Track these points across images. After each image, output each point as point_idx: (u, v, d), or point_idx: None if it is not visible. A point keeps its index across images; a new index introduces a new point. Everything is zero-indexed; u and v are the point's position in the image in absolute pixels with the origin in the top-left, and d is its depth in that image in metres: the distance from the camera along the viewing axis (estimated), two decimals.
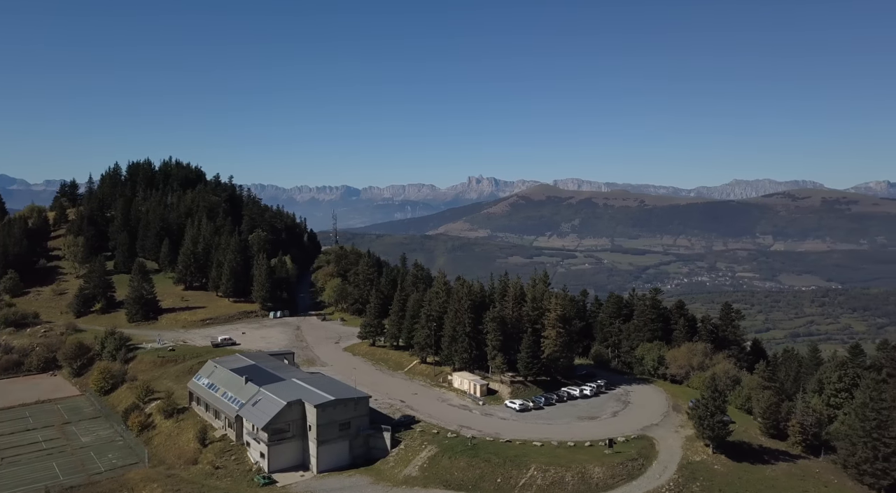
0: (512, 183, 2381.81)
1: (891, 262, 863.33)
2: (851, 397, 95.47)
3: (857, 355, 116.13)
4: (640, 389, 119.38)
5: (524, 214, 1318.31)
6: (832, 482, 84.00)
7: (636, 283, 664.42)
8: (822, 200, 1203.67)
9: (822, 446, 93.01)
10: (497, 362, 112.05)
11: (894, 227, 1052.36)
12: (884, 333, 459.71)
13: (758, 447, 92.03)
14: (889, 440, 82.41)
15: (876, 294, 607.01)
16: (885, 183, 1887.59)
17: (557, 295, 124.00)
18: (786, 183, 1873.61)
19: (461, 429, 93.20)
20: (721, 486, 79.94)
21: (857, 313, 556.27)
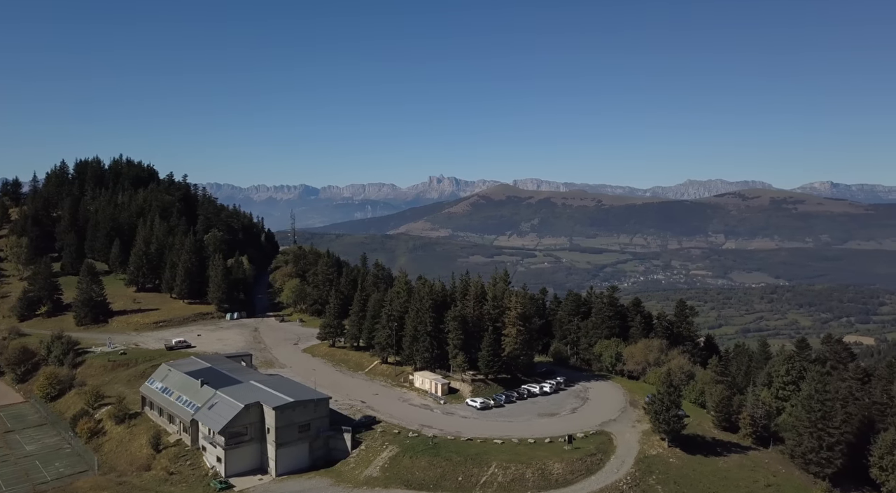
0: (473, 183, 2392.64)
1: (834, 259, 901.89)
2: (798, 390, 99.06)
3: (804, 349, 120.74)
4: (599, 385, 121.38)
5: (485, 214, 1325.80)
6: (780, 472, 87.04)
7: (594, 281, 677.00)
8: (770, 199, 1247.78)
9: (772, 437, 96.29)
10: (458, 361, 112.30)
11: (837, 226, 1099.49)
12: (828, 327, 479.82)
13: (711, 440, 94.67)
14: (833, 430, 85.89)
15: (820, 290, 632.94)
16: (829, 183, 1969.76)
17: (518, 294, 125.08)
18: (736, 183, 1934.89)
19: (422, 428, 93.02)
20: (676, 479, 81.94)
21: (803, 309, 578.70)
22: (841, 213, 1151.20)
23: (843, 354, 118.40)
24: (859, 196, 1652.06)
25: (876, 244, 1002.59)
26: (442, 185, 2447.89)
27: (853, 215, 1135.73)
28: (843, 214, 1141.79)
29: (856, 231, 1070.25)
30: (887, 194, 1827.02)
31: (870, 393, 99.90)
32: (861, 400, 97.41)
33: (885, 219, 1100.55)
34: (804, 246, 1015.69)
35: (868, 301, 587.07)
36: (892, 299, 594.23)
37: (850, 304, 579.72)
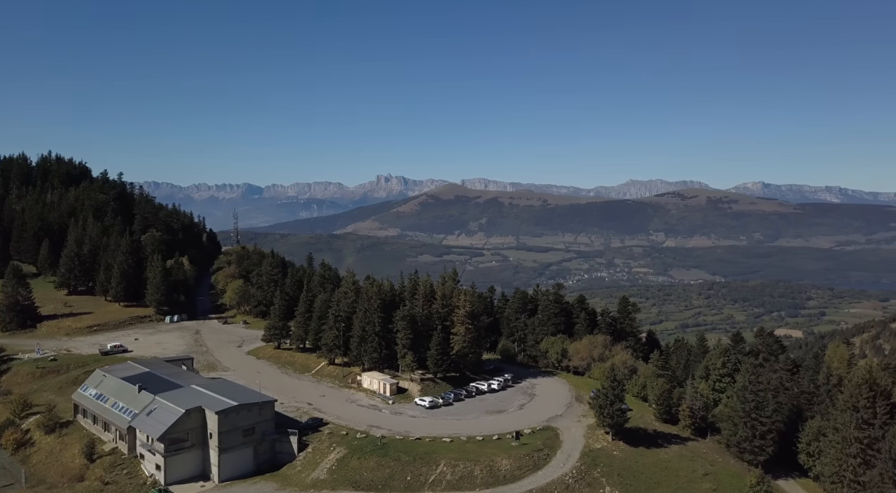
0: (421, 182, 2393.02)
1: (765, 256, 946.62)
2: (733, 382, 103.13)
3: (738, 342, 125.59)
4: (545, 381, 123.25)
5: (433, 213, 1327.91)
6: (717, 461, 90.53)
7: (540, 279, 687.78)
8: (707, 199, 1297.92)
9: (709, 427, 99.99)
10: (407, 361, 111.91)
11: (768, 224, 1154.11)
12: (760, 321, 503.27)
13: (652, 432, 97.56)
14: (765, 419, 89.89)
15: (753, 286, 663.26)
16: (761, 184, 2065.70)
17: (466, 292, 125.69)
18: (676, 183, 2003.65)
19: (371, 429, 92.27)
20: (619, 471, 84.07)
21: (737, 304, 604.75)
22: (772, 212, 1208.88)
23: (774, 346, 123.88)
24: (788, 196, 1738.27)
25: (803, 242, 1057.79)
26: (390, 184, 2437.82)
27: (783, 214, 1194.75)
28: (774, 213, 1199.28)
29: (785, 229, 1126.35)
30: (813, 194, 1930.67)
31: (798, 383, 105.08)
32: (790, 390, 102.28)
33: (811, 218, 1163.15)
34: (738, 244, 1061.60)
35: (797, 296, 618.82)
36: (818, 294, 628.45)
37: (781, 299, 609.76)
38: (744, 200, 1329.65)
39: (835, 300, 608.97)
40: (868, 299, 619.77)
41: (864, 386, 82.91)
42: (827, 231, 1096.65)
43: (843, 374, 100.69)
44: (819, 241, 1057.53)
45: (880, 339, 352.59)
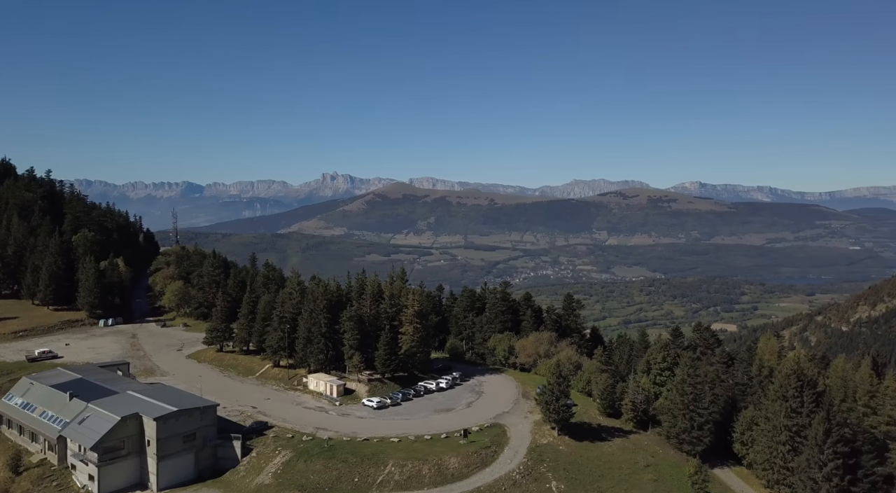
0: (368, 180, 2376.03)
1: (702, 253, 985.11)
2: (673, 375, 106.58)
3: (677, 337, 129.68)
4: (493, 378, 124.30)
5: (381, 212, 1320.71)
6: (658, 453, 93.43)
7: (488, 277, 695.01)
8: (647, 198, 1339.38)
9: (650, 420, 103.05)
10: (354, 362, 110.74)
11: (705, 222, 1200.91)
12: (698, 316, 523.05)
13: (597, 426, 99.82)
14: (702, 410, 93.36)
15: (691, 282, 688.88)
16: (698, 183, 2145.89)
17: (415, 291, 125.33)
18: (618, 183, 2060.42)
19: (317, 431, 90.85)
20: (565, 465, 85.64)
21: (676, 300, 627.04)
22: (708, 211, 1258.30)
23: (710, 340, 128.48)
24: (723, 195, 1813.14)
25: (737, 239, 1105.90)
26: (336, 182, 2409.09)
27: (718, 213, 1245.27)
28: (710, 212, 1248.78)
29: (720, 227, 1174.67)
30: (746, 194, 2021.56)
31: (733, 375, 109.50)
32: (726, 382, 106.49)
33: (745, 216, 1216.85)
34: (677, 241, 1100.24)
35: (731, 291, 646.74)
36: (751, 289, 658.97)
37: (717, 294, 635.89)
38: (682, 199, 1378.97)
39: (766, 295, 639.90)
40: (796, 293, 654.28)
41: (793, 377, 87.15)
42: (758, 229, 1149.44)
43: (774, 365, 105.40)
44: (751, 238, 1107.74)
45: (807, 331, 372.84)
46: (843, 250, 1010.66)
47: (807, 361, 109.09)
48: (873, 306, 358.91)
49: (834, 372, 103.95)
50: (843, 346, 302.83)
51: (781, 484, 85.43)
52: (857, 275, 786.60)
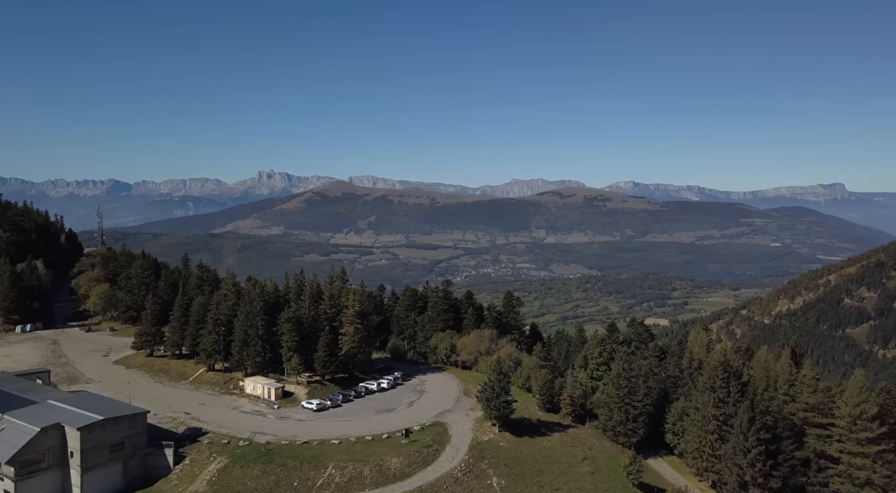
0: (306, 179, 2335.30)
1: (636, 250, 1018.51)
2: (609, 370, 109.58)
3: (613, 332, 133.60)
4: (435, 377, 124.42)
5: (320, 211, 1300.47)
6: (595, 445, 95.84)
7: (430, 276, 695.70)
8: (584, 197, 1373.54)
9: (587, 414, 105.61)
10: (293, 364, 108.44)
11: (639, 221, 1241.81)
12: (632, 312, 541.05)
13: (536, 421, 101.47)
14: (637, 403, 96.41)
15: (626, 279, 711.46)
16: (631, 183, 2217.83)
17: (355, 291, 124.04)
18: (555, 182, 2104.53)
19: (255, 436, 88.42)
20: (506, 461, 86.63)
21: (612, 296, 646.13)
22: (641, 209, 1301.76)
23: (644, 335, 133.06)
24: (656, 194, 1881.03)
25: (668, 237, 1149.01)
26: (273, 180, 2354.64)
27: (651, 212, 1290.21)
28: (643, 211, 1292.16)
29: (653, 225, 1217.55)
30: (677, 193, 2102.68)
31: (665, 368, 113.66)
32: (659, 375, 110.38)
33: (676, 215, 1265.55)
34: (612, 239, 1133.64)
35: (663, 287, 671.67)
36: (682, 285, 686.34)
37: (650, 290, 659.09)
38: (617, 198, 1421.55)
39: (695, 290, 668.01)
40: (723, 288, 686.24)
41: (720, 368, 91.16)
42: (688, 227, 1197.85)
43: (703, 358, 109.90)
44: (682, 236, 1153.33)
45: (733, 324, 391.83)
46: (765, 246, 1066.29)
47: (733, 353, 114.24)
48: (792, 299, 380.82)
49: (757, 363, 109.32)
50: (765, 338, 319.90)
51: (710, 471, 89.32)
52: (778, 270, 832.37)
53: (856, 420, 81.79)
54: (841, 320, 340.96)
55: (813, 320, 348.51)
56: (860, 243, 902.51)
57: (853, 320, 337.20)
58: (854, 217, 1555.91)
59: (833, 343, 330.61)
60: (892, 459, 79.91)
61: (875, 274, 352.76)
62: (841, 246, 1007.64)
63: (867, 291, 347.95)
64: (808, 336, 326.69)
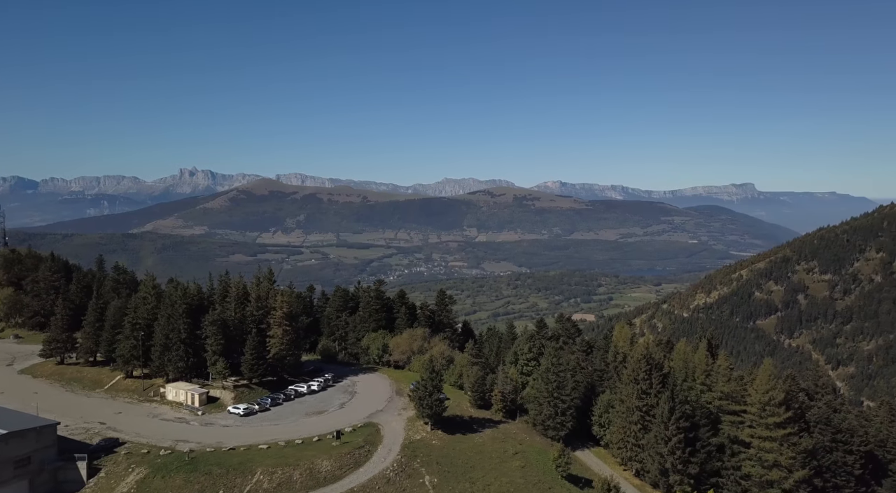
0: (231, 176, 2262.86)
1: (563, 248, 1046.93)
2: (538, 365, 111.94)
3: (542, 328, 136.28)
4: (367, 377, 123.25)
5: (246, 210, 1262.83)
6: (525, 440, 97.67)
7: (361, 276, 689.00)
8: (513, 197, 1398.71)
9: (518, 409, 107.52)
10: (218, 368, 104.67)
11: (566, 219, 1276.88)
12: (560, 308, 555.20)
13: (468, 418, 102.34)
14: (565, 397, 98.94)
15: (554, 276, 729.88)
16: (559, 183, 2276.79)
17: (283, 292, 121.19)
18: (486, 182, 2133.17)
19: (177, 444, 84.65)
20: (438, 459, 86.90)
21: (541, 293, 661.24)
22: (568, 208, 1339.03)
23: (572, 330, 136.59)
24: (582, 194, 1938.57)
25: (594, 235, 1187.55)
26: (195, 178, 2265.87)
27: (577, 210, 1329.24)
28: (570, 210, 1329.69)
29: (579, 224, 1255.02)
30: (602, 192, 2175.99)
31: (592, 362, 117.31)
32: (586, 369, 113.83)
33: (600, 213, 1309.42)
34: (541, 237, 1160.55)
35: (589, 284, 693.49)
36: (607, 281, 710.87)
37: (577, 286, 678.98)
38: (545, 197, 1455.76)
39: (620, 286, 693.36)
40: (645, 283, 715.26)
41: (643, 361, 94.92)
42: (612, 225, 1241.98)
43: (627, 352, 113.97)
44: (606, 233, 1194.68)
45: (654, 318, 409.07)
46: (683, 243, 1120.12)
47: (654, 346, 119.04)
48: (708, 293, 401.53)
49: (677, 355, 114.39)
50: (684, 330, 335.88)
51: (634, 461, 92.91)
52: (696, 266, 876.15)
53: (765, 406, 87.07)
54: (752, 312, 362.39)
55: (727, 313, 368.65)
56: (768, 240, 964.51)
57: (762, 312, 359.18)
58: (763, 215, 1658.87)
59: (745, 334, 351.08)
60: (796, 441, 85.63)
61: (781, 269, 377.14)
62: (752, 242, 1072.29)
63: (775, 284, 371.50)
64: (722, 328, 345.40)
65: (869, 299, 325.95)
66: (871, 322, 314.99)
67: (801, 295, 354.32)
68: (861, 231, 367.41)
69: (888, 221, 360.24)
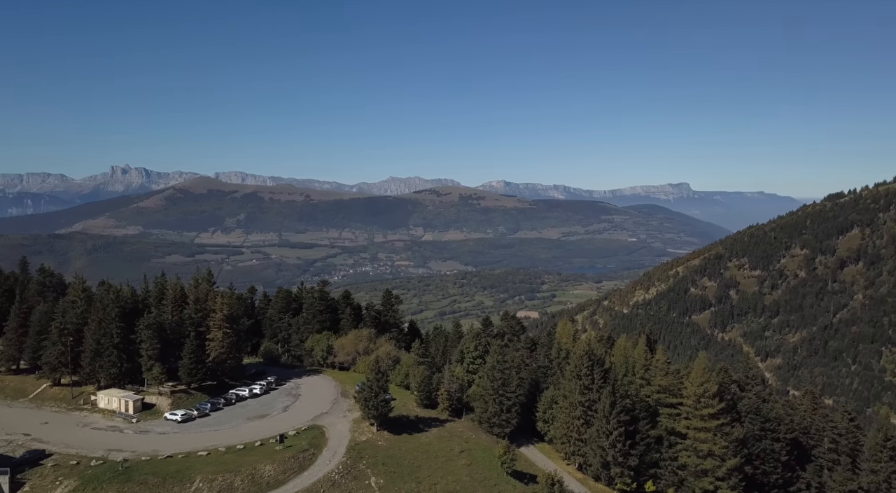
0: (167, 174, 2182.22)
1: (508, 247, 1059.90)
2: (484, 363, 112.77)
3: (487, 326, 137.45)
4: (311, 380, 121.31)
5: (183, 209, 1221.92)
6: (471, 438, 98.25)
7: (305, 276, 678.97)
8: (459, 196, 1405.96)
9: (464, 407, 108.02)
10: (154, 373, 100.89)
11: (510, 218, 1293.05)
12: (505, 305, 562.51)
13: (415, 418, 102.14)
14: (510, 394, 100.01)
15: (499, 274, 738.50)
16: (503, 182, 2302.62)
17: (223, 294, 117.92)
18: (432, 181, 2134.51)
19: (109, 454, 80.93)
20: (384, 459, 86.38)
21: (486, 291, 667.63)
22: (512, 207, 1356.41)
23: (516, 328, 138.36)
24: (525, 193, 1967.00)
25: (538, 233, 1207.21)
26: (128, 176, 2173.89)
27: (521, 209, 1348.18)
28: (514, 209, 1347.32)
29: (523, 222, 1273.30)
30: (545, 192, 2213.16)
31: (536, 359, 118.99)
32: (530, 366, 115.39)
33: (544, 212, 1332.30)
34: (486, 236, 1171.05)
35: (533, 281, 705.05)
36: (550, 279, 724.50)
37: (521, 284, 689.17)
38: (490, 197, 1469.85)
39: (563, 284, 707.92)
40: (587, 281, 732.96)
41: (585, 357, 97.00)
42: (555, 224, 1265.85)
43: (570, 348, 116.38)
44: (549, 232, 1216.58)
45: (596, 315, 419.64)
46: (623, 241, 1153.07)
47: (596, 342, 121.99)
48: (647, 290, 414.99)
49: (618, 350, 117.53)
50: (624, 326, 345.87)
51: (577, 455, 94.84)
52: (635, 263, 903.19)
53: (700, 399, 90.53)
54: (688, 307, 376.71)
55: (665, 309, 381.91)
56: (703, 238, 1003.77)
57: (697, 308, 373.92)
58: (697, 213, 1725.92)
59: (681, 329, 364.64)
60: (728, 431, 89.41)
61: (715, 265, 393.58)
62: (687, 240, 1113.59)
63: (708, 280, 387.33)
64: (660, 324, 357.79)
65: (794, 293, 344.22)
66: (796, 315, 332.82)
67: (733, 291, 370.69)
68: (787, 229, 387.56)
69: (811, 220, 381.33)
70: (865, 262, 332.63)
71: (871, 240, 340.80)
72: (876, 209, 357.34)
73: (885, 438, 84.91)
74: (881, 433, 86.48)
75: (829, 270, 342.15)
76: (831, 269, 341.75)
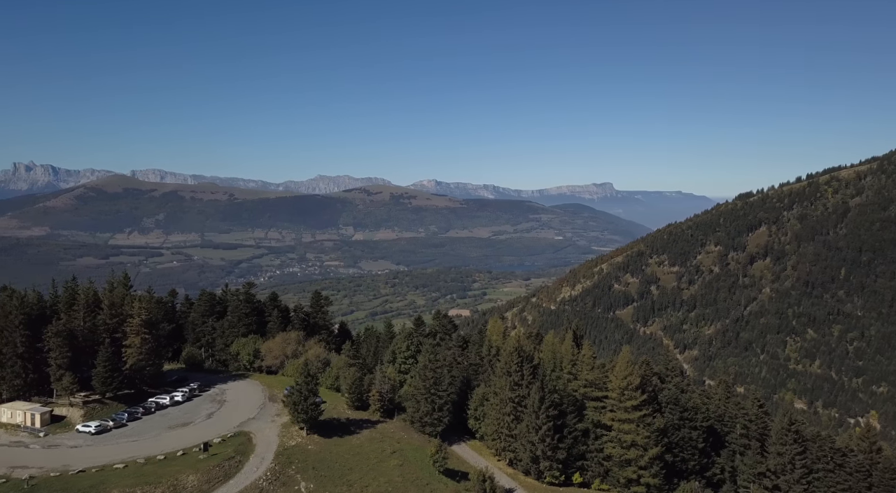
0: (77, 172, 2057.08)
1: (440, 246, 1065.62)
2: (416, 362, 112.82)
3: (419, 325, 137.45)
4: (237, 385, 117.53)
5: (96, 209, 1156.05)
6: (403, 438, 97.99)
7: (229, 278, 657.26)
8: (390, 195, 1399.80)
9: (396, 408, 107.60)
10: (64, 383, 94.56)
11: (441, 217, 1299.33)
12: (437, 304, 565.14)
13: (346, 420, 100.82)
14: (442, 392, 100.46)
15: (431, 273, 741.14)
16: (434, 181, 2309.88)
17: (141, 298, 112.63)
18: (362, 179, 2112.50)
19: (13, 471, 75.34)
20: (314, 464, 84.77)
21: (418, 290, 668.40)
22: (443, 207, 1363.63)
23: (448, 326, 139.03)
24: (456, 192, 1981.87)
25: (468, 232, 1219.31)
26: (34, 173, 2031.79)
27: (452, 209, 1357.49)
28: (445, 208, 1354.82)
29: (454, 222, 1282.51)
30: (475, 191, 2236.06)
31: (467, 357, 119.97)
32: (462, 364, 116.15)
33: (474, 211, 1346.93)
34: (418, 235, 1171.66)
35: (464, 280, 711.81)
36: (481, 277, 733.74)
37: (453, 283, 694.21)
38: (421, 195, 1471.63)
39: (493, 282, 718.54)
40: (516, 279, 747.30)
41: (514, 354, 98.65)
42: (485, 223, 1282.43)
43: (500, 345, 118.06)
44: (479, 231, 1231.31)
45: (525, 311, 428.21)
46: (550, 239, 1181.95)
47: (525, 338, 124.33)
48: (573, 286, 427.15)
49: (546, 346, 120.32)
50: (552, 322, 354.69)
51: (507, 451, 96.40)
52: (561, 261, 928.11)
53: (624, 391, 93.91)
54: (612, 303, 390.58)
55: (590, 305, 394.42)
56: (625, 235, 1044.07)
57: (621, 303, 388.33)
58: (620, 212, 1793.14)
59: (606, 324, 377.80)
60: (650, 422, 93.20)
61: (637, 262, 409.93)
62: (611, 238, 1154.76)
63: (631, 277, 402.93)
64: (586, 319, 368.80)
65: (709, 288, 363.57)
66: (710, 309, 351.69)
67: (654, 286, 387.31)
68: (702, 227, 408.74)
69: (724, 218, 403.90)
70: (772, 257, 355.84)
71: (777, 237, 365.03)
72: (781, 208, 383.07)
73: (790, 422, 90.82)
74: (786, 418, 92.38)
75: (741, 265, 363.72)
76: (742, 264, 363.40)
